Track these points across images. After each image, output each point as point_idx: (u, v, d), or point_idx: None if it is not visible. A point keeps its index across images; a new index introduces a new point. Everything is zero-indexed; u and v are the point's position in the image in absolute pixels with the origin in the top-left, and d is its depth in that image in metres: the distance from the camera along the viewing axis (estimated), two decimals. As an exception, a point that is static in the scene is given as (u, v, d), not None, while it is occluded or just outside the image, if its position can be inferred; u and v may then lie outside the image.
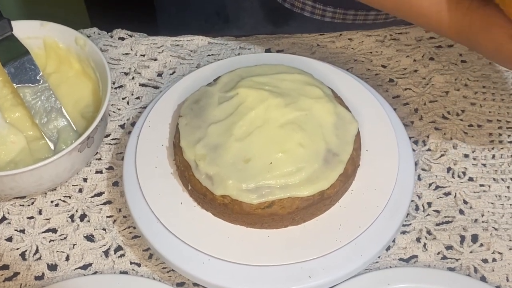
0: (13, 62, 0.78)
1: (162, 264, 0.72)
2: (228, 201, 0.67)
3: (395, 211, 0.69)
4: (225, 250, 0.67)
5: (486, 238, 0.73)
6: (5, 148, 0.75)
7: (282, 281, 0.66)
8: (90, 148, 0.74)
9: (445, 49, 0.88)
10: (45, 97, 0.78)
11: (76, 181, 0.78)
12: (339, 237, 0.67)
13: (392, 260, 0.72)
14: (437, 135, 0.80)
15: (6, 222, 0.76)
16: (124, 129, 0.83)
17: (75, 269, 0.73)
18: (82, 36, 0.79)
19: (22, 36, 0.79)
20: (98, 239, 0.74)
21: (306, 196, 0.67)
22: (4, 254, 0.74)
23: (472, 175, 0.77)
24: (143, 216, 0.70)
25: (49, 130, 0.77)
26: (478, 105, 0.83)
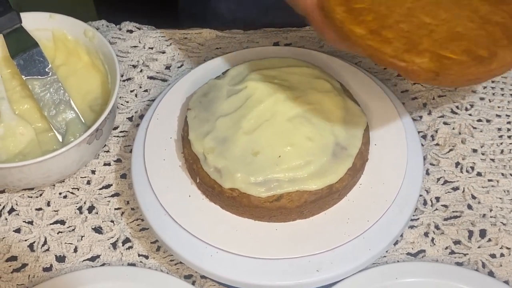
0: (22, 54, 0.78)
1: (170, 256, 0.72)
2: (236, 194, 0.67)
3: (403, 206, 0.69)
4: (233, 243, 0.67)
5: (494, 233, 0.73)
6: (14, 139, 0.76)
7: (289, 274, 0.66)
8: (98, 141, 0.75)
9: (454, 43, 0.87)
10: (54, 89, 0.78)
11: (84, 173, 0.79)
12: (347, 231, 0.67)
13: (400, 254, 0.72)
14: (445, 129, 0.80)
15: (15, 214, 0.76)
16: (132, 122, 0.83)
17: (83, 260, 0.73)
18: (91, 28, 0.79)
19: (31, 28, 0.80)
20: (106, 231, 0.75)
21: (315, 190, 0.67)
22: (13, 245, 0.74)
23: (480, 170, 0.77)
24: (151, 209, 0.70)
25: (57, 122, 0.77)
26: (487, 99, 0.83)
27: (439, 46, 0.57)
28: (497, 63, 0.57)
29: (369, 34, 0.57)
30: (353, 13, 0.59)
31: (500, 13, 0.59)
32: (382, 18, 0.59)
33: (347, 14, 0.59)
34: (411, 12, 0.59)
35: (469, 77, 0.57)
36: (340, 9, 0.59)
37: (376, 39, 0.57)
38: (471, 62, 0.56)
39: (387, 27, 0.58)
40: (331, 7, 0.59)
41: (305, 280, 0.66)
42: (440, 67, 0.56)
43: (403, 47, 0.57)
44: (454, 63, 0.56)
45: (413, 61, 0.56)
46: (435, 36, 0.58)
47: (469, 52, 0.57)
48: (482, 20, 0.59)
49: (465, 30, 0.58)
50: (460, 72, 0.56)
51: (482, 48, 0.57)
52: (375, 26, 0.58)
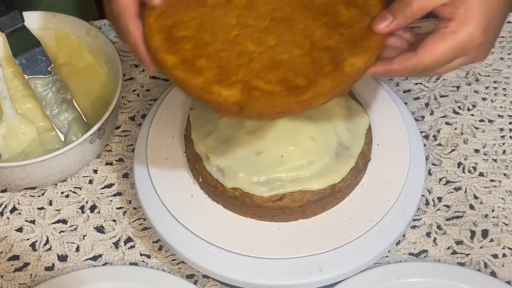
0: (25, 53, 0.78)
1: (172, 256, 0.72)
2: (239, 193, 0.67)
3: (406, 206, 0.69)
4: (235, 243, 0.67)
5: (496, 234, 0.73)
6: (16, 139, 0.76)
7: (292, 274, 0.66)
8: (100, 140, 0.75)
9: (457, 43, 0.87)
10: (56, 88, 0.78)
11: (87, 172, 0.79)
12: (349, 231, 0.67)
13: (402, 254, 0.72)
14: (448, 130, 0.80)
15: (17, 213, 0.76)
16: (134, 121, 0.83)
17: (85, 260, 0.73)
18: (93, 28, 0.79)
19: (34, 27, 0.80)
20: (108, 230, 0.75)
21: (317, 190, 0.67)
22: (15, 244, 0.74)
23: (482, 170, 0.77)
24: (153, 208, 0.70)
25: (59, 121, 0.77)
26: (489, 100, 0.83)
27: (254, 76, 0.54)
28: (313, 93, 0.54)
29: (180, 63, 0.55)
30: (171, 41, 0.56)
31: (336, 37, 0.57)
32: (203, 46, 0.56)
33: (164, 42, 0.56)
34: (237, 39, 0.57)
35: (278, 109, 0.54)
36: (158, 36, 0.57)
37: (187, 69, 0.55)
38: (283, 93, 0.54)
39: (204, 56, 0.55)
40: (150, 34, 0.57)
41: (308, 280, 0.66)
42: (248, 99, 0.53)
43: (214, 78, 0.54)
44: (264, 95, 0.54)
45: (220, 93, 0.54)
46: (253, 65, 0.55)
47: (285, 82, 0.54)
48: (312, 46, 0.56)
49: (289, 58, 0.56)
50: (268, 104, 0.54)
51: (301, 77, 0.54)
52: (191, 55, 0.56)
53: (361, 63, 0.55)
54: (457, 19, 0.53)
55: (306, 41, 0.56)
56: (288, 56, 0.56)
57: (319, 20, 0.57)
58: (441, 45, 0.54)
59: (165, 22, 0.57)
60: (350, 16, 0.57)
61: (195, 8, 0.58)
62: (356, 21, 0.57)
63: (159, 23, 0.57)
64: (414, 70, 0.55)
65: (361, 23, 0.57)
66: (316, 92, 0.54)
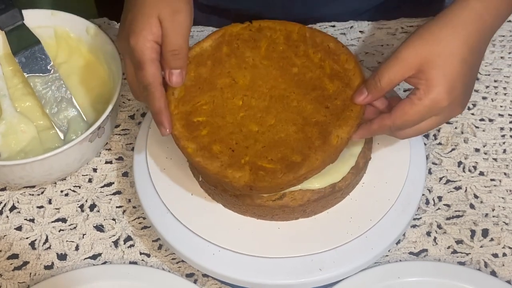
0: (24, 51, 0.78)
1: (172, 255, 0.72)
2: (238, 192, 0.67)
3: (406, 205, 0.69)
4: (235, 242, 0.67)
5: (496, 233, 0.73)
6: (16, 137, 0.75)
7: (292, 273, 0.66)
8: (100, 138, 0.74)
9: (457, 42, 0.87)
10: (56, 87, 0.78)
11: (86, 171, 0.78)
12: (350, 230, 0.67)
13: (402, 254, 0.72)
14: (448, 129, 0.80)
15: (16, 211, 0.76)
16: (134, 120, 0.82)
17: (85, 259, 0.73)
18: (93, 26, 0.79)
19: (33, 25, 0.79)
20: (108, 229, 0.75)
21: (318, 189, 0.67)
22: (14, 243, 0.74)
23: (483, 170, 0.77)
24: (153, 207, 0.70)
25: (59, 120, 0.77)
26: (490, 99, 0.83)
27: (259, 156, 0.64)
28: (307, 168, 0.63)
29: (199, 150, 0.64)
30: (190, 128, 0.65)
31: (323, 110, 0.66)
32: (216, 130, 0.65)
33: (184, 130, 0.65)
34: (243, 121, 0.66)
35: (281, 185, 0.63)
36: (179, 124, 0.66)
37: (205, 155, 0.64)
38: (283, 170, 0.63)
39: (218, 141, 0.65)
40: (173, 122, 0.65)
41: (308, 279, 0.66)
42: (255, 180, 0.62)
43: (228, 162, 0.63)
44: (267, 174, 0.63)
45: (234, 176, 0.63)
46: (258, 145, 0.64)
47: (284, 159, 0.63)
48: (304, 122, 0.65)
49: (286, 135, 0.65)
50: (272, 182, 0.63)
51: (297, 153, 0.64)
52: (207, 140, 0.65)
53: (345, 134, 0.64)
54: (422, 88, 0.62)
55: (299, 117, 0.66)
56: (285, 134, 0.65)
57: (309, 95, 0.67)
58: (410, 108, 0.63)
59: (184, 109, 0.66)
60: (335, 89, 0.67)
61: (208, 92, 0.67)
62: (339, 93, 0.66)
63: (179, 109, 0.66)
64: (391, 129, 0.64)
65: (343, 95, 0.66)
66: (309, 167, 0.63)
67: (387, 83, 0.63)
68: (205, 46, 0.70)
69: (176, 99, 0.67)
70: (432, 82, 0.62)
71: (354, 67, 0.68)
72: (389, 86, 0.64)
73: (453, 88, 0.62)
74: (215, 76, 0.68)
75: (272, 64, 0.68)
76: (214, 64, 0.69)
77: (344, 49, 0.69)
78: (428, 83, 0.62)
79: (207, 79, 0.68)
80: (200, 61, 0.69)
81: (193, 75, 0.68)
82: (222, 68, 0.68)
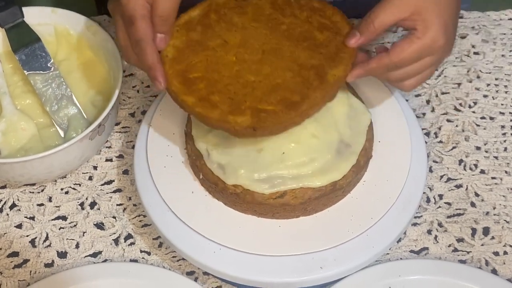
0: (24, 49, 0.77)
1: (173, 252, 0.72)
2: (239, 190, 0.67)
3: (407, 203, 0.69)
4: (236, 240, 0.67)
5: (497, 231, 0.73)
6: (16, 135, 0.75)
7: (293, 271, 0.66)
8: (100, 136, 0.74)
9: (458, 40, 0.87)
10: (56, 84, 0.78)
11: (86, 169, 0.78)
12: (350, 228, 0.67)
13: (403, 252, 0.72)
14: (449, 127, 0.80)
15: (16, 209, 0.76)
16: (134, 118, 0.82)
17: (85, 256, 0.73)
18: (93, 23, 0.79)
19: (33, 22, 0.79)
20: (108, 227, 0.74)
21: (318, 187, 0.66)
22: (14, 241, 0.73)
23: (484, 168, 0.77)
24: (154, 205, 0.70)
25: (59, 117, 0.77)
26: (491, 97, 0.83)
27: (259, 101, 0.64)
28: (307, 105, 0.64)
29: (198, 101, 0.65)
30: (187, 83, 0.66)
31: (317, 56, 0.67)
32: (213, 83, 0.66)
33: (182, 85, 0.66)
34: (239, 73, 0.66)
35: (285, 124, 0.64)
36: (176, 80, 0.66)
37: (205, 105, 0.65)
38: (284, 110, 0.64)
39: (216, 92, 0.65)
40: (169, 80, 0.66)
41: (309, 277, 0.66)
42: (257, 121, 0.63)
43: (228, 109, 0.64)
44: (269, 115, 0.64)
45: (236, 121, 0.63)
46: (256, 92, 0.65)
47: (284, 101, 0.64)
48: (299, 67, 0.66)
49: (283, 81, 0.66)
50: (275, 121, 0.63)
51: (296, 94, 0.65)
52: (205, 92, 0.65)
53: (341, 72, 0.66)
54: (419, 28, 0.65)
55: (294, 64, 0.67)
56: (282, 80, 0.66)
57: (301, 45, 0.68)
58: (409, 47, 0.65)
59: (179, 67, 0.67)
60: (325, 38, 0.68)
61: (201, 52, 0.68)
62: (330, 40, 0.68)
63: (174, 68, 0.67)
64: (388, 67, 0.66)
65: (335, 41, 0.68)
66: (310, 103, 0.64)
67: (380, 24, 0.65)
68: (193, 15, 0.71)
69: (170, 60, 0.67)
70: (429, 22, 0.64)
71: (341, 19, 0.70)
72: (382, 27, 0.66)
73: (446, 27, 0.65)
74: (206, 39, 0.69)
75: (261, 25, 0.69)
76: (204, 29, 0.70)
77: (329, 6, 0.70)
78: (425, 23, 0.64)
79: (198, 41, 0.69)
80: (190, 27, 0.70)
81: (185, 39, 0.69)
82: (212, 32, 0.69)
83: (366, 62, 0.66)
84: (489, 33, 0.87)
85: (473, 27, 0.88)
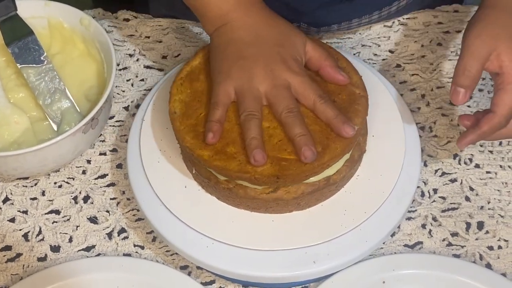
0: (17, 42, 0.77)
1: (166, 247, 0.72)
2: (232, 185, 0.67)
3: (401, 197, 0.69)
4: (229, 234, 0.67)
5: (492, 226, 0.73)
6: (9, 128, 0.75)
7: (286, 266, 0.66)
8: (94, 130, 0.74)
9: (453, 34, 0.87)
10: (49, 78, 0.77)
11: (80, 162, 0.78)
12: (344, 223, 0.67)
13: (397, 246, 0.72)
14: (444, 121, 0.80)
15: (9, 203, 0.75)
16: (128, 111, 0.82)
17: (78, 250, 0.72)
18: (87, 16, 0.79)
19: (26, 15, 0.79)
20: (102, 221, 0.74)
21: (312, 181, 0.66)
22: (7, 234, 0.73)
23: (478, 162, 0.77)
24: (147, 199, 0.70)
25: (52, 111, 0.77)
26: (486, 91, 0.82)
27: (278, 149, 0.64)
28: (329, 155, 0.64)
29: (215, 154, 0.65)
30: (200, 137, 0.66)
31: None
32: (226, 134, 0.66)
33: (195, 140, 0.66)
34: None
35: (306, 173, 0.64)
36: (189, 136, 0.66)
37: (222, 158, 0.64)
38: None
39: (231, 143, 0.65)
40: (181, 137, 0.67)
41: (302, 272, 0.66)
42: (279, 170, 0.63)
43: (246, 159, 0.64)
44: (291, 164, 0.64)
45: (255, 170, 0.63)
46: (273, 140, 0.65)
47: None
48: (315, 115, 0.66)
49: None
50: (297, 170, 0.64)
51: (316, 143, 0.64)
52: (220, 145, 0.65)
53: (358, 125, 0.66)
54: (506, 71, 0.65)
55: (308, 111, 0.67)
56: None
57: None
58: (507, 97, 0.65)
59: (189, 122, 0.68)
60: (336, 86, 0.69)
61: (207, 102, 0.68)
62: (342, 88, 0.69)
63: (185, 124, 0.67)
64: (499, 125, 0.66)
65: (346, 90, 0.69)
66: (331, 155, 0.65)
67: (476, 70, 0.65)
68: (194, 64, 0.72)
69: (179, 116, 0.68)
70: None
71: (347, 65, 0.71)
72: (479, 72, 0.66)
73: None
74: (210, 88, 0.69)
75: None
76: (207, 77, 0.70)
77: (335, 50, 0.72)
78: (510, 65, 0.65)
79: (203, 91, 0.69)
80: (193, 77, 0.71)
81: (190, 91, 0.70)
82: None
83: (476, 126, 0.66)
84: (485, 27, 0.87)
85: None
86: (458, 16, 0.88)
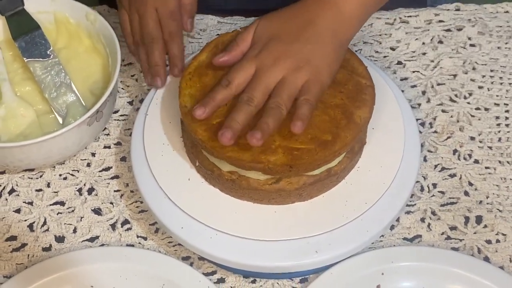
0: (24, 36, 0.78)
1: (169, 238, 0.73)
2: (235, 177, 0.68)
3: (401, 188, 0.70)
4: (232, 225, 0.68)
5: (490, 220, 0.74)
6: (15, 121, 0.76)
7: (288, 255, 0.66)
8: (98, 123, 0.75)
9: (454, 32, 0.88)
10: (55, 72, 0.78)
11: (85, 155, 0.79)
12: (345, 213, 0.68)
13: (396, 239, 0.73)
14: (444, 117, 0.81)
15: (15, 194, 0.76)
16: (132, 106, 0.83)
17: (82, 241, 0.73)
18: (92, 12, 0.80)
19: (33, 10, 0.80)
20: (106, 212, 0.75)
21: (313, 173, 0.67)
22: (12, 225, 0.74)
23: (478, 158, 0.78)
24: (150, 191, 0.71)
25: (58, 104, 0.78)
26: (486, 88, 0.83)
27: (288, 139, 0.65)
28: (340, 144, 0.65)
29: (227, 146, 0.65)
30: (212, 130, 0.66)
31: (338, 94, 0.68)
32: None
33: (207, 133, 0.66)
34: (261, 113, 0.65)
35: (318, 161, 0.65)
36: (201, 129, 0.67)
37: (235, 149, 0.65)
38: (317, 148, 0.65)
39: (242, 135, 0.65)
40: (193, 129, 0.67)
41: (304, 261, 0.66)
42: (292, 159, 0.64)
43: (259, 149, 0.64)
44: (303, 153, 0.65)
45: (268, 160, 0.64)
46: (284, 131, 0.66)
47: (315, 139, 0.65)
48: (324, 105, 0.67)
49: (310, 119, 0.65)
50: (310, 159, 0.64)
51: (327, 133, 0.66)
52: None
53: (366, 114, 0.68)
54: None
55: (317, 102, 0.67)
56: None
57: None
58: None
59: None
60: (342, 76, 0.70)
61: None
62: (348, 79, 0.70)
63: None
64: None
65: (353, 80, 0.70)
66: (342, 143, 0.66)
67: None
68: (201, 59, 0.73)
69: (190, 110, 0.68)
70: None
71: (351, 57, 0.71)
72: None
73: None
74: (219, 81, 0.69)
75: None
76: (214, 72, 0.71)
77: None
78: None
79: (212, 86, 0.70)
80: (201, 72, 0.71)
81: (199, 85, 0.70)
82: (223, 72, 0.70)
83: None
84: (485, 25, 0.88)
85: (470, 20, 0.89)
86: (459, 14, 0.89)
